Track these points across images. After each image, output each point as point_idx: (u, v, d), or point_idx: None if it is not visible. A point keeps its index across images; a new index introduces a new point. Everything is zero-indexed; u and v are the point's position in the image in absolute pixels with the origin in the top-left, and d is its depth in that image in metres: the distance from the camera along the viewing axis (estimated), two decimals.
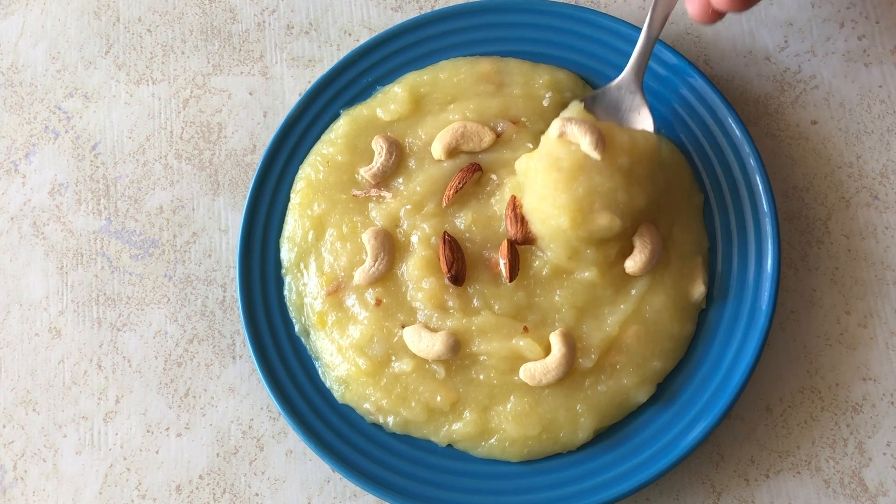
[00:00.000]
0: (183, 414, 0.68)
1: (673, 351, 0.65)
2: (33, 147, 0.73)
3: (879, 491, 0.65)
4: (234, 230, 0.71)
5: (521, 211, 0.64)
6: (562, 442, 0.64)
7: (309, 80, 0.74)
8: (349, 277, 0.66)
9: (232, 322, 0.70)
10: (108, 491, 0.67)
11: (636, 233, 0.64)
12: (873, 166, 0.70)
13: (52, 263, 0.71)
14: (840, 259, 0.69)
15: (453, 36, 0.70)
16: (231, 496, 0.67)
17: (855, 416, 0.66)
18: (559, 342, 0.63)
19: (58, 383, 0.69)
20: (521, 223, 0.64)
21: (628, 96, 0.66)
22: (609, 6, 0.74)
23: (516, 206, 0.64)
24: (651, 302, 0.65)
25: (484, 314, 0.64)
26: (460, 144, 0.67)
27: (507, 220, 0.65)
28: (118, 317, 0.70)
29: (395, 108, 0.68)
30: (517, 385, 0.64)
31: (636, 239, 0.64)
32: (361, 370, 0.64)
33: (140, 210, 0.72)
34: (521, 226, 0.64)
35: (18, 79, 0.75)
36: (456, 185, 0.66)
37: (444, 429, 0.64)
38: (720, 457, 0.66)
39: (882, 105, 0.71)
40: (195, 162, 0.73)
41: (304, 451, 0.68)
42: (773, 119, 0.71)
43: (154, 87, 0.74)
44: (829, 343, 0.68)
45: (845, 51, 0.72)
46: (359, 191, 0.67)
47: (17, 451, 0.68)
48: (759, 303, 0.65)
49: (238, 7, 0.75)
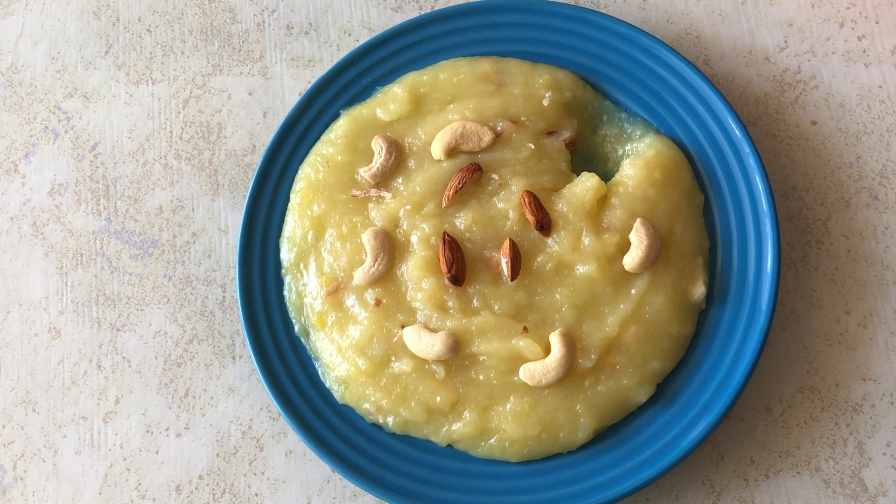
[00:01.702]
0: (183, 414, 0.68)
1: (673, 351, 0.65)
2: (33, 147, 0.73)
3: (879, 491, 0.65)
4: (233, 230, 0.71)
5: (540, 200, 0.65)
6: (562, 442, 0.64)
7: (309, 80, 0.74)
8: (349, 278, 0.66)
9: (232, 322, 0.70)
10: (108, 491, 0.67)
11: (632, 229, 0.64)
12: (873, 166, 0.70)
13: (51, 263, 0.71)
14: (840, 259, 0.69)
15: (453, 36, 0.70)
16: (231, 496, 0.67)
17: (855, 416, 0.66)
18: (559, 342, 0.63)
19: (57, 383, 0.69)
20: (541, 210, 0.65)
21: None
22: (609, 6, 0.74)
23: (532, 198, 0.65)
24: (651, 302, 0.65)
25: (484, 314, 0.64)
26: (459, 144, 0.67)
27: (525, 210, 0.65)
28: (118, 317, 0.70)
29: (394, 108, 0.68)
30: (517, 385, 0.64)
31: (632, 235, 0.64)
32: (361, 370, 0.64)
33: (140, 210, 0.72)
34: (542, 212, 0.65)
35: (18, 79, 0.75)
36: (456, 185, 0.66)
37: (444, 429, 0.64)
38: (720, 457, 0.66)
39: (882, 105, 0.71)
40: (195, 162, 0.73)
41: (304, 451, 0.68)
42: (773, 119, 0.71)
43: (154, 88, 0.74)
44: (829, 343, 0.68)
45: (845, 51, 0.72)
46: (358, 191, 0.67)
47: (17, 451, 0.68)
48: (759, 303, 0.65)
49: (238, 7, 0.75)
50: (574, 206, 0.65)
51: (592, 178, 0.66)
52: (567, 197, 0.66)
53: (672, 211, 0.66)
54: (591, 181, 0.66)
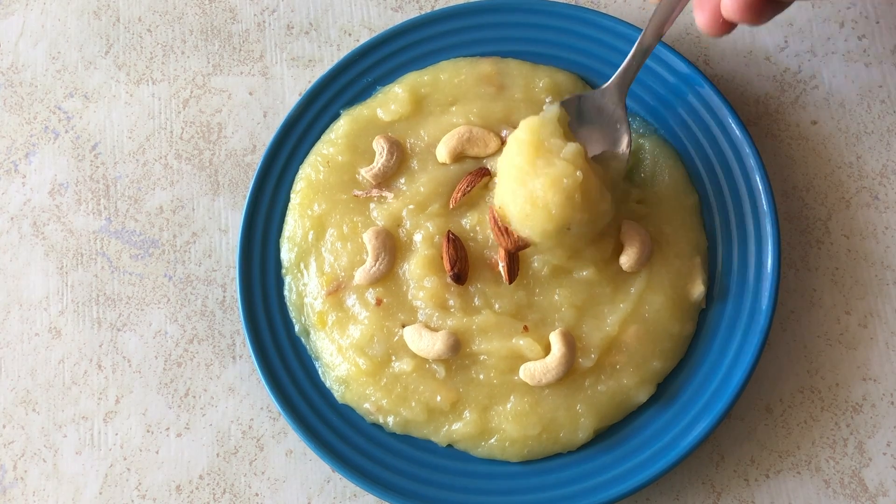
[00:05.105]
0: (183, 414, 0.68)
1: (673, 351, 0.65)
2: (33, 147, 0.73)
3: (879, 491, 0.65)
4: (234, 230, 0.71)
5: (503, 223, 0.63)
6: (562, 442, 0.64)
7: (309, 80, 0.74)
8: (349, 277, 0.66)
9: (232, 322, 0.70)
10: (108, 491, 0.67)
11: (621, 231, 0.65)
12: (873, 166, 0.70)
13: (52, 263, 0.71)
14: (840, 259, 0.69)
15: (453, 36, 0.70)
16: (231, 496, 0.67)
17: (855, 416, 0.66)
18: (559, 342, 0.63)
19: (58, 383, 0.69)
20: (507, 234, 0.63)
21: (610, 107, 0.65)
22: (609, 6, 0.74)
23: (496, 217, 0.64)
24: (651, 302, 0.65)
25: (485, 313, 0.64)
26: (466, 149, 0.67)
27: (494, 235, 0.64)
28: (118, 317, 0.70)
29: (395, 108, 0.68)
30: (517, 385, 0.64)
31: (623, 237, 0.65)
32: (361, 370, 0.64)
33: (140, 210, 0.72)
34: (509, 236, 0.63)
35: (18, 79, 0.75)
36: (464, 188, 0.66)
37: (444, 429, 0.64)
38: (720, 457, 0.66)
39: (882, 105, 0.71)
40: (195, 162, 0.73)
41: (304, 451, 0.68)
42: (773, 119, 0.71)
43: (154, 87, 0.74)
44: (829, 343, 0.68)
45: (845, 51, 0.72)
46: (360, 191, 0.67)
47: (17, 451, 0.68)
48: (759, 303, 0.65)
49: (238, 7, 0.75)
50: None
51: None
52: None
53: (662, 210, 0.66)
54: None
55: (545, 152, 0.62)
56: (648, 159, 0.68)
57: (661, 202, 0.67)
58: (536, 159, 0.62)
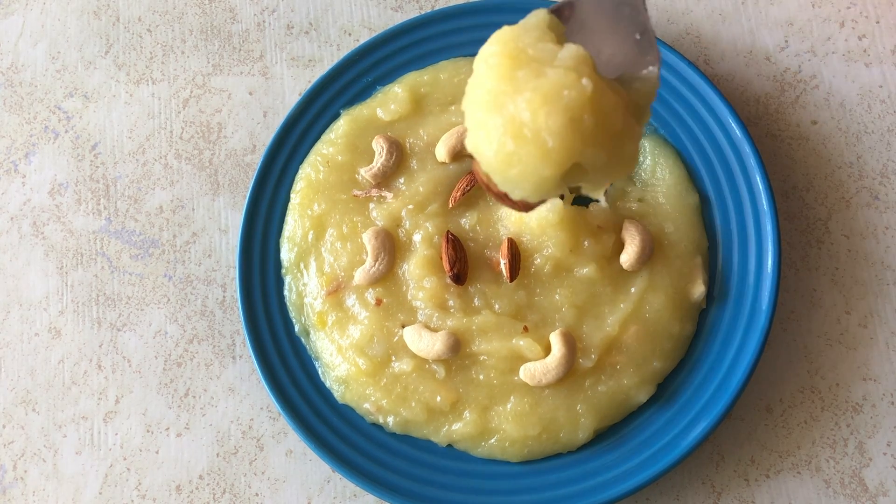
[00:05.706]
0: (183, 414, 0.68)
1: (673, 351, 0.65)
2: (33, 147, 0.73)
3: (879, 491, 0.65)
4: (234, 230, 0.71)
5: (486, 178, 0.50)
6: (562, 442, 0.64)
7: (309, 80, 0.74)
8: (349, 277, 0.66)
9: (232, 322, 0.70)
10: (108, 491, 0.67)
11: (622, 230, 0.65)
12: (873, 166, 0.70)
13: (52, 263, 0.71)
14: (840, 259, 0.69)
15: (453, 36, 0.70)
16: (231, 496, 0.67)
17: (855, 416, 0.66)
18: (559, 342, 0.63)
19: (58, 383, 0.69)
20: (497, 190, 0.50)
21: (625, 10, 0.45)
22: None
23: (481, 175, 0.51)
24: (651, 302, 0.65)
25: (484, 313, 0.64)
26: (465, 148, 0.67)
27: (491, 196, 0.55)
28: (118, 317, 0.70)
29: (395, 108, 0.68)
30: (517, 385, 0.64)
31: (623, 234, 0.65)
32: (361, 370, 0.64)
33: (140, 210, 0.72)
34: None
35: (18, 79, 0.75)
36: (464, 188, 0.66)
37: (444, 429, 0.64)
38: (720, 457, 0.66)
39: (882, 105, 0.71)
40: (195, 162, 0.73)
41: (304, 451, 0.67)
42: (773, 119, 0.71)
43: (154, 87, 0.74)
44: (829, 343, 0.68)
45: (845, 51, 0.72)
46: (359, 191, 0.67)
47: (17, 451, 0.68)
48: (759, 303, 0.65)
49: (238, 7, 0.75)
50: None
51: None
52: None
53: (663, 209, 0.66)
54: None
55: (530, 61, 0.42)
56: (648, 159, 0.68)
57: (661, 202, 0.67)
58: (516, 72, 0.42)
